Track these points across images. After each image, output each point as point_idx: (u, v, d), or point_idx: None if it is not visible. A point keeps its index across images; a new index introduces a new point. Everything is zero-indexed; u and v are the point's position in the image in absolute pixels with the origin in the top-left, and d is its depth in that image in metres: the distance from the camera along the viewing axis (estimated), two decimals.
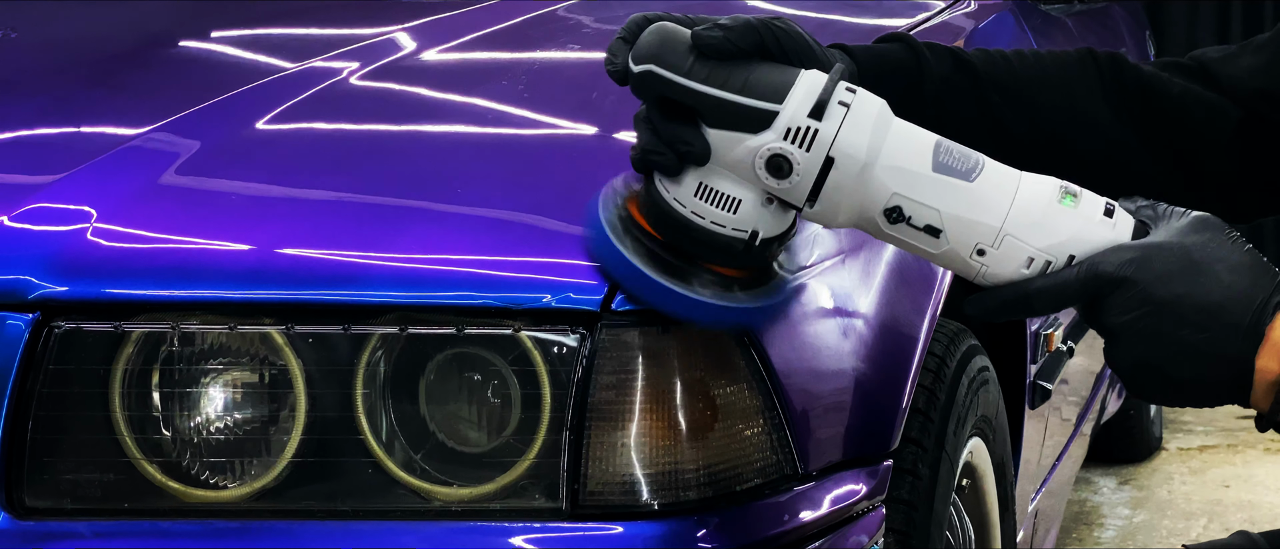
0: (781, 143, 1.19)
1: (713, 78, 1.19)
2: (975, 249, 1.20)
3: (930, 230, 1.20)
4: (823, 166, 1.19)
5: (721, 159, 1.20)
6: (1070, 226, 1.20)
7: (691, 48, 1.19)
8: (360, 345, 1.36)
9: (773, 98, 1.19)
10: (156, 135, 1.59)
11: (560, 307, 1.34)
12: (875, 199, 1.20)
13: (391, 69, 1.81)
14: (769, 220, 1.23)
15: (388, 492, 1.36)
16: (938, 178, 1.20)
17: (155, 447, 1.38)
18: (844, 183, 1.19)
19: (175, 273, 1.38)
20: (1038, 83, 1.36)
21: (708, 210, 1.22)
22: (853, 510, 1.46)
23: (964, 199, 1.20)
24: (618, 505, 1.34)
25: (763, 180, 1.20)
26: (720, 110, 1.19)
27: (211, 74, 1.92)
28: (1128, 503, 3.68)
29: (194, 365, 1.38)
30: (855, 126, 1.19)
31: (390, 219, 1.43)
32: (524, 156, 1.57)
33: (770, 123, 1.19)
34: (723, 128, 1.19)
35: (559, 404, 1.34)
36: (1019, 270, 1.20)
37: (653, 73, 1.20)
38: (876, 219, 1.21)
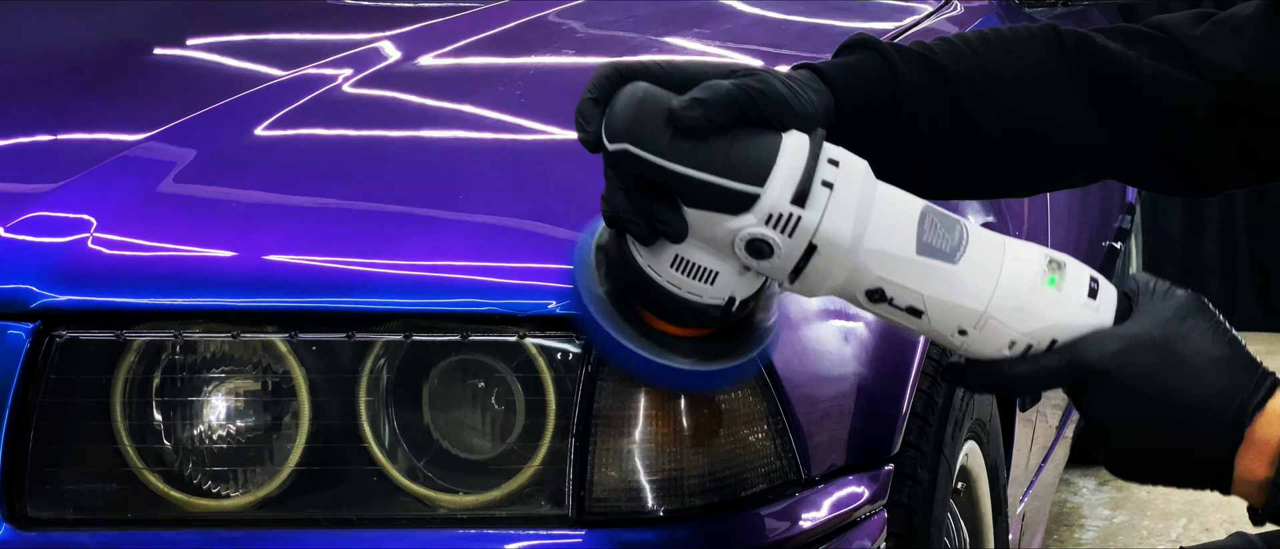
0: (763, 228, 1.12)
1: (692, 156, 1.11)
2: (957, 329, 1.17)
3: (912, 311, 1.16)
4: (805, 252, 1.13)
5: (699, 235, 1.13)
6: (1053, 312, 1.16)
7: (669, 122, 1.11)
8: (363, 353, 1.35)
9: (754, 178, 1.11)
10: (152, 143, 1.58)
11: (564, 312, 1.34)
12: (857, 281, 1.15)
13: (385, 75, 1.81)
14: (746, 285, 1.17)
15: (391, 499, 1.36)
16: (922, 261, 1.15)
17: (157, 456, 1.37)
18: (826, 267, 1.14)
19: (177, 281, 1.37)
20: (1007, 79, 1.31)
21: (684, 281, 1.15)
22: (855, 515, 1.46)
23: (947, 283, 1.16)
24: (623, 512, 1.34)
25: (744, 260, 1.14)
26: (699, 192, 1.11)
27: (203, 81, 1.91)
28: (1107, 504, 3.70)
29: (196, 374, 1.37)
30: (839, 212, 1.13)
31: (392, 226, 1.42)
32: (523, 162, 1.57)
33: (751, 206, 1.12)
34: (702, 208, 1.12)
35: (564, 411, 1.34)
36: (1001, 351, 1.17)
37: (629, 153, 1.11)
38: (858, 297, 1.17)
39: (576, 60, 1.95)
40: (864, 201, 1.14)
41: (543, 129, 1.64)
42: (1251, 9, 1.36)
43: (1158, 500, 3.69)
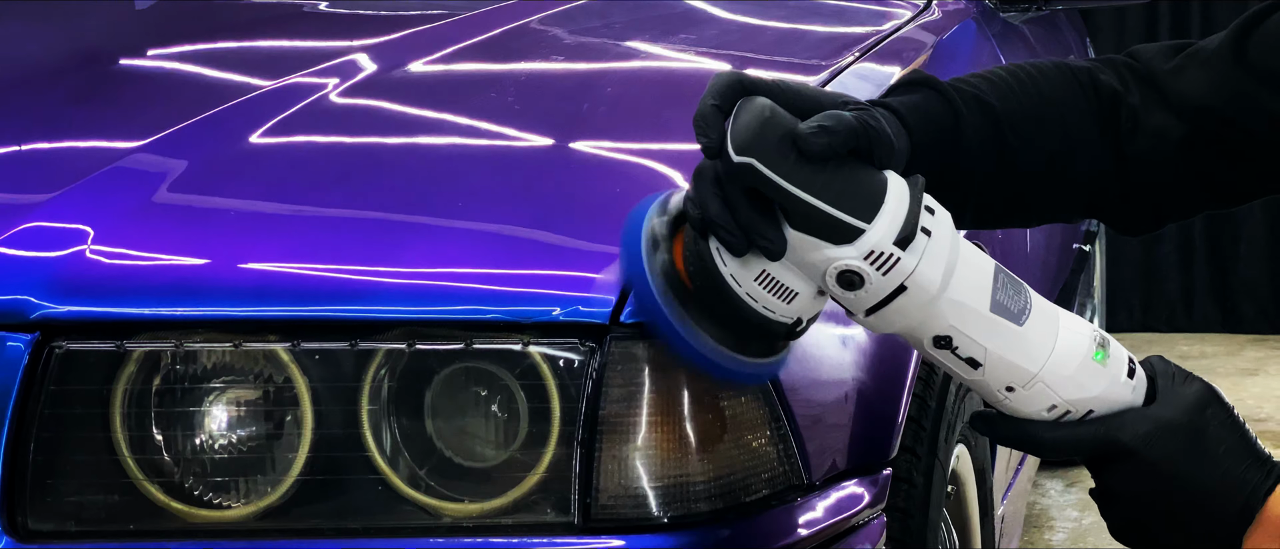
0: (860, 262, 1.17)
1: (810, 182, 1.15)
2: (1006, 386, 1.23)
3: (972, 362, 1.23)
4: (894, 291, 1.18)
5: (793, 257, 1.18)
6: (1097, 385, 1.24)
7: (792, 145, 1.15)
8: (366, 361, 1.35)
9: (862, 214, 1.16)
10: (144, 152, 1.58)
11: (569, 320, 1.34)
12: (931, 326, 1.21)
13: (374, 84, 1.80)
14: (814, 308, 1.22)
15: (395, 508, 1.35)
16: (993, 318, 1.22)
17: (158, 467, 1.36)
18: (906, 308, 1.19)
19: (177, 290, 1.36)
20: (1041, 116, 1.37)
21: (763, 296, 1.19)
22: (856, 519, 1.47)
23: (1010, 342, 1.22)
24: (630, 519, 1.34)
25: (829, 289, 1.19)
26: (810, 217, 1.16)
27: (188, 90, 1.90)
28: (1076, 505, 3.72)
29: (197, 384, 1.36)
30: (932, 260, 1.18)
31: (393, 234, 1.42)
32: (522, 169, 1.56)
33: (854, 239, 1.16)
34: (806, 232, 1.16)
35: (569, 418, 1.34)
36: (1039, 412, 1.24)
37: (752, 168, 1.15)
38: (923, 341, 1.22)
39: (568, 66, 1.95)
40: (953, 253, 1.20)
41: (538, 136, 1.63)
42: (1218, 41, 1.41)
43: None
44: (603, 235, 1.40)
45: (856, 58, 1.96)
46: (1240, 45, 1.38)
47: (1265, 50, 1.37)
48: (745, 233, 1.16)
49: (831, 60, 1.95)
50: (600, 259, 1.37)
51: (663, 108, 1.74)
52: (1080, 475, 3.92)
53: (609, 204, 1.47)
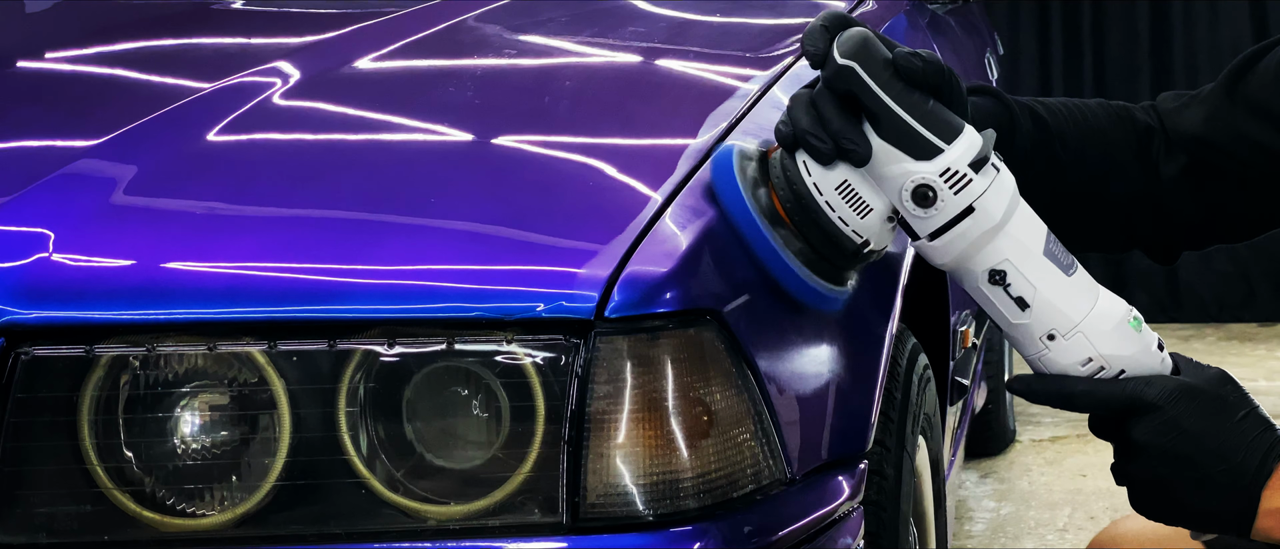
0: (936, 178, 1.30)
1: (901, 97, 1.29)
2: (1047, 333, 1.34)
3: (1021, 302, 1.33)
4: (962, 212, 1.30)
5: (874, 169, 1.30)
6: (1131, 347, 1.35)
7: (890, 64, 1.29)
8: (344, 362, 1.31)
9: (943, 135, 1.30)
10: (99, 153, 1.53)
11: (552, 316, 1.31)
12: (988, 257, 1.32)
13: (325, 81, 1.76)
14: (882, 238, 1.34)
15: (378, 512, 1.32)
16: (1045, 262, 1.33)
17: (130, 476, 1.32)
18: (971, 233, 1.31)
19: (147, 293, 1.32)
20: (1087, 138, 1.53)
21: (841, 206, 1.32)
22: (838, 512, 1.45)
23: (1059, 288, 1.33)
24: (618, 517, 1.32)
25: (902, 203, 1.31)
26: (897, 128, 1.29)
27: (129, 90, 1.84)
28: (992, 495, 3.75)
29: (169, 389, 1.32)
30: (998, 191, 1.31)
31: (368, 231, 1.38)
32: (492, 164, 1.53)
33: (934, 156, 1.30)
34: (891, 143, 1.30)
35: (555, 416, 1.31)
36: (1074, 366, 1.34)
37: (855, 71, 1.29)
38: (978, 274, 1.33)
39: (520, 62, 1.92)
40: (1015, 197, 1.33)
41: (505, 130, 1.60)
42: (1214, 84, 1.59)
43: (1041, 491, 3.75)
44: (583, 230, 1.38)
45: (797, 57, 1.95)
46: (1233, 82, 1.55)
47: (1256, 85, 1.53)
48: (834, 139, 1.30)
49: (774, 51, 1.94)
50: (582, 254, 1.34)
51: (626, 100, 1.72)
52: (994, 467, 3.95)
53: (586, 198, 1.45)
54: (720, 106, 1.66)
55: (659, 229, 1.39)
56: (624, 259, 1.34)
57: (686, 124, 1.62)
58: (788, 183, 1.33)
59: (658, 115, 1.67)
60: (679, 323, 1.34)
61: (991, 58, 3.44)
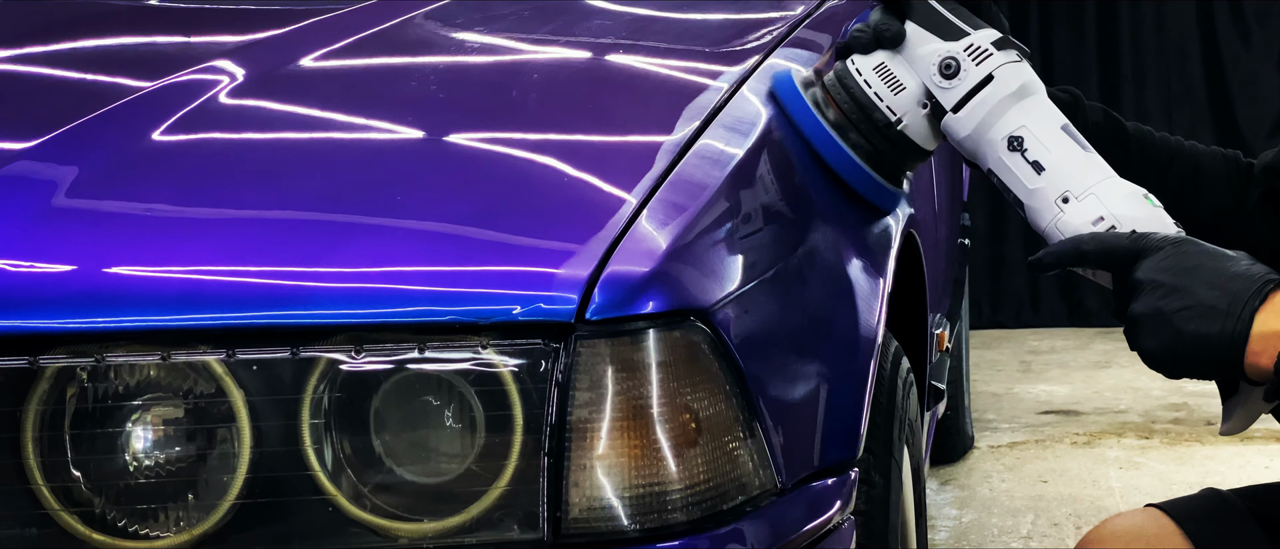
0: (960, 51, 1.49)
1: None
2: (1062, 196, 1.45)
3: (1036, 166, 1.46)
4: (982, 80, 1.48)
5: (908, 52, 1.51)
6: (1145, 213, 1.44)
7: None
8: (307, 371, 1.23)
9: (971, 23, 1.51)
10: (37, 154, 1.44)
11: (530, 319, 1.23)
12: (1007, 124, 1.47)
13: (272, 80, 1.67)
14: (915, 121, 1.52)
15: (345, 531, 1.24)
16: (1061, 133, 1.48)
17: (78, 496, 1.23)
18: (990, 100, 1.48)
19: (94, 299, 1.23)
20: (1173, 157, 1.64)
21: (877, 83, 1.52)
22: (830, 522, 1.38)
23: (1074, 155, 1.46)
24: (603, 532, 1.24)
25: (930, 79, 1.50)
26: (928, 13, 1.51)
27: (59, 91, 1.75)
28: (953, 503, 3.68)
29: (120, 402, 1.23)
30: (1017, 69, 1.49)
31: (330, 233, 1.30)
32: (460, 161, 1.45)
33: (960, 38, 1.50)
34: (923, 26, 1.51)
35: (533, 425, 1.23)
36: (1086, 225, 1.44)
37: None
38: (997, 142, 1.48)
39: (482, 58, 1.83)
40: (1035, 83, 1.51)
41: (471, 127, 1.52)
42: None
43: (1002, 498, 3.69)
44: (560, 229, 1.30)
45: (769, 51, 1.87)
46: None
47: None
48: (873, 28, 1.54)
49: (744, 44, 1.87)
50: (560, 254, 1.26)
51: (597, 94, 1.64)
52: (953, 474, 3.89)
53: (562, 195, 1.37)
54: (695, 100, 1.58)
55: (640, 226, 1.31)
56: (604, 258, 1.26)
57: (662, 118, 1.54)
58: (836, 78, 1.53)
59: (631, 110, 1.59)
60: (664, 325, 1.26)
61: None
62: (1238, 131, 5.59)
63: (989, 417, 4.41)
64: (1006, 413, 4.47)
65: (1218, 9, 5.58)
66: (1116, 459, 3.97)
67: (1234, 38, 5.60)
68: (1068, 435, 4.19)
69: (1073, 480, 3.80)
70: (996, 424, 4.33)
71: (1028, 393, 4.68)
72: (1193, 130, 5.59)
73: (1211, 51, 5.61)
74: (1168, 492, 2.98)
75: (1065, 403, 4.54)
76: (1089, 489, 3.73)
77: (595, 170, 1.41)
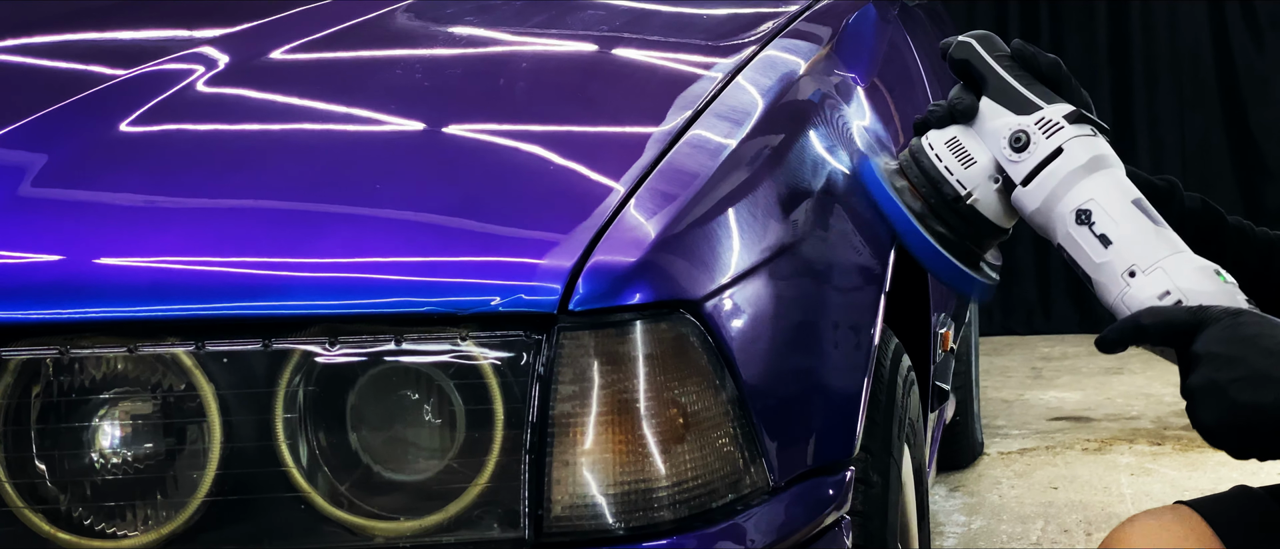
0: (1032, 125, 1.45)
1: (1010, 69, 1.48)
2: (1129, 269, 1.39)
3: (1103, 239, 1.40)
4: (1051, 153, 1.44)
5: (980, 126, 1.48)
6: (1214, 288, 1.37)
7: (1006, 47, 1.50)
8: (280, 364, 1.19)
9: (1044, 97, 1.47)
10: (5, 141, 1.39)
11: (511, 310, 1.19)
12: (1075, 197, 1.42)
13: (246, 70, 1.62)
14: (987, 195, 1.47)
15: (318, 529, 1.19)
16: (1132, 208, 1.42)
17: (41, 493, 1.19)
18: (1059, 173, 1.43)
19: (60, 290, 1.19)
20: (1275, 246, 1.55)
21: (948, 157, 1.48)
22: (824, 521, 1.33)
23: (1144, 230, 1.40)
24: (587, 531, 1.19)
25: (1001, 152, 1.46)
26: (1002, 88, 1.47)
27: (30, 80, 1.70)
28: (962, 510, 3.63)
29: (86, 396, 1.19)
30: (1088, 142, 1.44)
31: (305, 222, 1.25)
32: (442, 150, 1.41)
33: (1032, 111, 1.46)
34: (996, 100, 1.47)
35: (515, 421, 1.19)
36: (1152, 299, 1.37)
37: (971, 45, 1.50)
38: (1066, 216, 1.42)
39: (471, 49, 1.79)
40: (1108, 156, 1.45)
41: (456, 115, 1.47)
42: None
43: (1011, 504, 3.64)
44: (544, 218, 1.26)
45: (766, 42, 1.83)
46: None
47: None
48: (949, 103, 1.50)
49: (739, 39, 1.82)
50: (543, 243, 1.22)
51: (587, 83, 1.59)
52: (962, 480, 3.84)
53: (546, 184, 1.32)
54: (687, 90, 1.54)
55: (626, 216, 1.26)
56: (589, 248, 1.22)
57: (652, 108, 1.50)
58: (911, 153, 1.50)
59: (621, 99, 1.54)
60: (651, 317, 1.22)
61: None
62: (1250, 136, 5.54)
63: (999, 423, 4.35)
64: (1017, 419, 4.42)
65: (1230, 12, 5.53)
66: (1128, 465, 3.92)
67: (1247, 41, 5.55)
68: (1079, 442, 4.14)
69: (1083, 487, 3.75)
70: (1007, 431, 4.27)
71: (1038, 399, 4.62)
72: (1205, 134, 5.54)
73: (1224, 55, 5.56)
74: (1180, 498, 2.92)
75: (1077, 409, 4.48)
76: (1100, 496, 3.68)
77: (583, 160, 1.37)
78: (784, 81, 1.67)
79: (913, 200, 1.48)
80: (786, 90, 1.67)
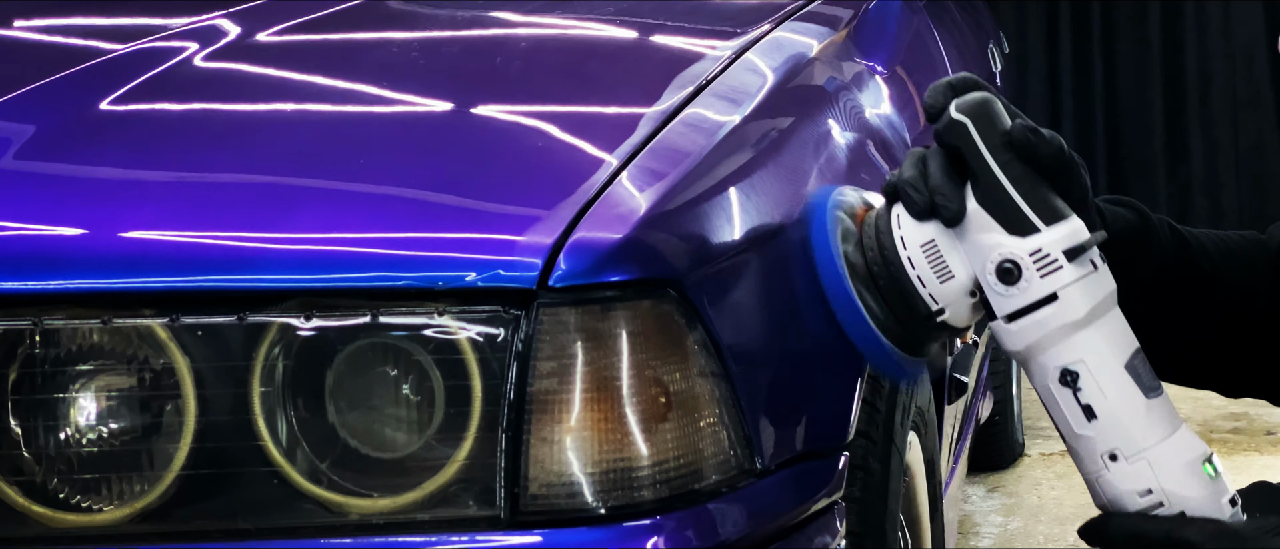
0: (1025, 256, 1.21)
1: (1008, 167, 1.22)
2: (1109, 453, 1.23)
3: (1088, 411, 1.23)
4: (1044, 298, 1.22)
5: (964, 234, 1.23)
6: (1200, 490, 1.23)
7: (1005, 131, 1.23)
8: (257, 338, 1.17)
9: (1044, 216, 1.22)
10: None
11: (489, 285, 1.17)
12: (1063, 354, 1.23)
13: (240, 48, 1.61)
14: (960, 311, 1.25)
15: (294, 506, 1.18)
16: (1124, 375, 1.23)
17: (16, 465, 1.18)
18: (1050, 324, 1.22)
19: (34, 261, 1.18)
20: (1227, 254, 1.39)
21: (922, 265, 1.24)
22: (812, 508, 1.31)
23: (1133, 405, 1.23)
24: (564, 510, 1.17)
25: (985, 275, 1.22)
26: (996, 195, 1.22)
27: (22, 56, 1.70)
28: (999, 510, 3.59)
29: (60, 368, 1.18)
30: (1088, 288, 1.22)
31: (284, 197, 1.24)
32: (428, 126, 1.39)
33: (1028, 234, 1.22)
34: (987, 210, 1.22)
35: (492, 398, 1.17)
36: (1131, 495, 1.23)
37: (966, 128, 1.22)
38: (1049, 370, 1.23)
39: (468, 30, 1.77)
40: (1108, 302, 1.23)
41: (447, 93, 1.46)
42: None
43: (1050, 505, 3.60)
44: (527, 194, 1.24)
45: (778, 22, 1.81)
46: None
47: None
48: (931, 193, 1.23)
49: (749, 23, 1.80)
50: (525, 219, 1.20)
51: (584, 62, 1.58)
52: (1001, 481, 3.80)
53: (533, 160, 1.31)
54: (688, 69, 1.52)
55: (614, 192, 1.25)
56: (572, 223, 1.20)
57: (650, 86, 1.48)
58: (876, 232, 1.25)
59: (618, 78, 1.53)
60: (634, 294, 1.20)
61: (996, 51, 3.29)
62: None
63: (1042, 424, 4.30)
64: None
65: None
66: None
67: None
68: None
69: None
70: (1049, 432, 4.22)
71: None
72: (1259, 135, 5.47)
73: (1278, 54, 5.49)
74: None
75: None
76: None
77: (573, 136, 1.35)
78: (792, 64, 1.65)
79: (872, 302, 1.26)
80: (794, 73, 1.64)
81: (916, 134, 1.87)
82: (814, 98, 1.64)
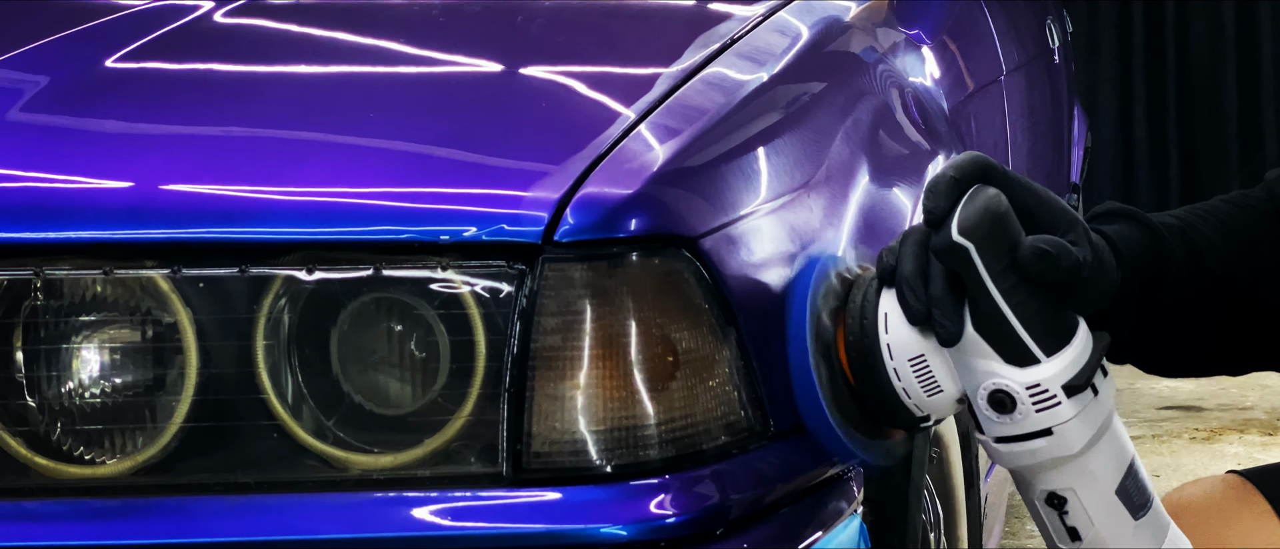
0: (1021, 389, 1.16)
1: (1011, 293, 1.14)
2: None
3: (1073, 533, 1.20)
4: (1038, 431, 1.17)
5: (958, 353, 1.16)
6: None
7: (1011, 252, 1.14)
8: (260, 290, 1.16)
9: (1046, 346, 1.16)
10: (6, 65, 1.39)
11: (494, 240, 1.15)
12: (1053, 480, 1.19)
13: (257, 7, 1.61)
14: (944, 413, 1.21)
15: (296, 461, 1.17)
16: (1114, 500, 1.19)
17: (18, 416, 1.17)
18: (1041, 455, 1.18)
19: (38, 212, 1.18)
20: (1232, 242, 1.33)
21: (909, 378, 1.18)
22: (828, 473, 1.28)
23: (1119, 531, 1.20)
24: (567, 468, 1.15)
25: (975, 398, 1.17)
26: (996, 326, 1.15)
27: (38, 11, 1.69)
28: None
29: (63, 319, 1.17)
30: (1087, 420, 1.17)
31: (290, 150, 1.23)
32: (441, 83, 1.38)
33: (1027, 366, 1.16)
34: (985, 338, 1.15)
35: (496, 354, 1.15)
36: None
37: (968, 255, 1.14)
38: (1037, 489, 1.20)
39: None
40: (1106, 422, 1.19)
41: (464, 49, 1.45)
42: None
43: None
44: (536, 149, 1.23)
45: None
46: None
47: None
48: (928, 306, 1.15)
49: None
50: (532, 174, 1.19)
51: (607, 22, 1.56)
52: None
53: (545, 116, 1.29)
54: (713, 29, 1.50)
55: (626, 147, 1.23)
56: (581, 178, 1.18)
57: (672, 46, 1.46)
58: (861, 323, 1.18)
59: (641, 38, 1.51)
60: (644, 251, 1.18)
61: (1054, 27, 3.24)
62: None
63: None
64: (1125, 408, 4.31)
65: None
66: (1235, 455, 3.81)
67: None
68: (1187, 431, 4.03)
69: (1186, 476, 3.65)
70: None
71: (1150, 389, 4.51)
72: None
73: None
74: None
75: (1188, 399, 4.37)
76: None
77: (588, 91, 1.33)
78: (824, 28, 1.62)
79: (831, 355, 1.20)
80: (827, 38, 1.62)
81: (955, 104, 1.84)
82: (846, 64, 1.61)
